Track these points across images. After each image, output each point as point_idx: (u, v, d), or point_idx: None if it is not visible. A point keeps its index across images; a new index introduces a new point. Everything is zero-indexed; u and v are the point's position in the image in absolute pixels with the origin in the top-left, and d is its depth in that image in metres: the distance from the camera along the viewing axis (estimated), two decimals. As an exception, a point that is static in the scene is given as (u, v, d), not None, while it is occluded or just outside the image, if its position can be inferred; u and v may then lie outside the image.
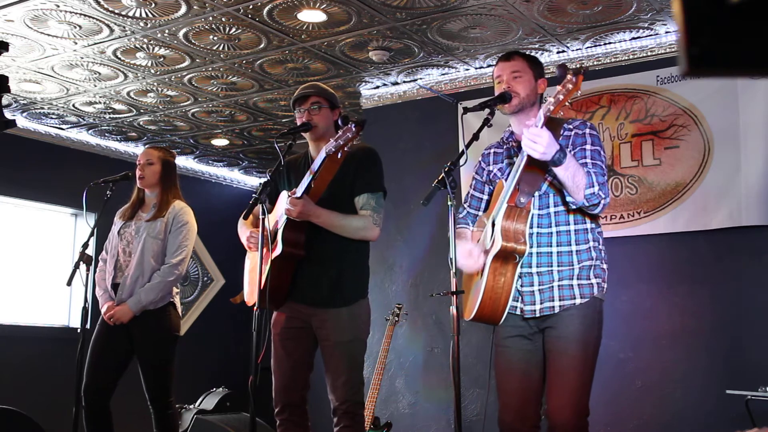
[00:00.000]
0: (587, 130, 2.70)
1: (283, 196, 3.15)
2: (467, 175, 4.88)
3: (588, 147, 2.66)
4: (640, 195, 4.40)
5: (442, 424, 4.90)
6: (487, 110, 2.75)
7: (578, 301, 2.63)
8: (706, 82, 4.14)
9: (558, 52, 4.69)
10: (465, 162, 2.73)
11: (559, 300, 2.64)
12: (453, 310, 2.64)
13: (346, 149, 2.81)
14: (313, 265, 3.09)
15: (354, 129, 2.76)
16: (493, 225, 2.65)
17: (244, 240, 3.26)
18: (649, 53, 4.48)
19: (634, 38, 4.47)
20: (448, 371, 2.67)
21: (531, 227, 2.65)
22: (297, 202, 2.93)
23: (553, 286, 2.65)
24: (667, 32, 4.38)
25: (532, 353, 2.71)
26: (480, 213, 2.94)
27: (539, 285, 2.66)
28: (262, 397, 3.03)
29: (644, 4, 4.04)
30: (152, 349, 3.88)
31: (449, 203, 2.63)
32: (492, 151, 2.93)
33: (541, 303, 2.65)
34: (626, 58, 4.55)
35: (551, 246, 2.66)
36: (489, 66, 4.97)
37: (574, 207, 2.60)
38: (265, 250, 2.94)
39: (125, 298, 3.85)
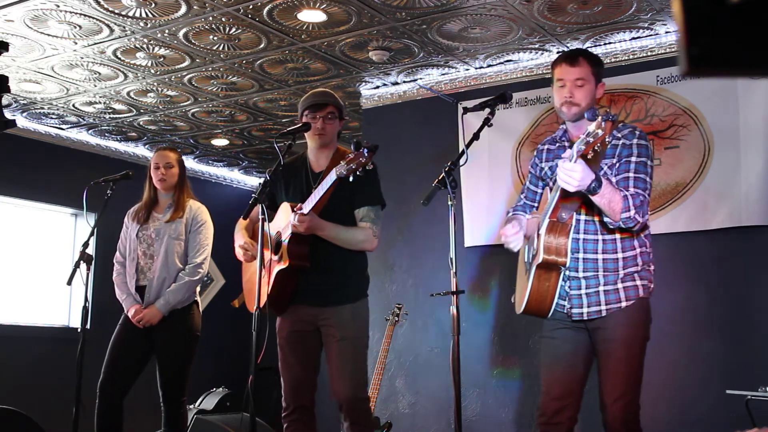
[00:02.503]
0: (635, 141, 2.69)
1: (284, 207, 3.21)
2: (467, 174, 4.89)
3: (633, 159, 2.67)
4: (640, 195, 4.39)
5: (442, 424, 4.90)
6: (487, 110, 2.76)
7: (624, 304, 2.68)
8: (706, 82, 4.14)
9: (558, 52, 4.69)
10: (465, 162, 2.74)
11: (606, 304, 2.69)
12: (453, 310, 2.65)
13: (358, 173, 2.86)
14: (317, 270, 3.15)
15: (367, 155, 2.82)
16: (539, 235, 2.69)
17: (237, 247, 3.31)
18: (649, 53, 4.48)
19: (634, 38, 4.47)
20: (448, 371, 2.67)
21: (577, 233, 2.70)
22: (304, 219, 3.00)
23: (599, 290, 2.70)
24: (667, 32, 4.38)
25: (578, 345, 2.77)
26: (535, 204, 3.02)
27: (586, 288, 2.71)
28: (262, 397, 3.04)
29: (644, 4, 4.04)
30: (176, 349, 3.92)
31: (449, 203, 2.64)
32: (546, 147, 2.97)
33: (588, 306, 2.71)
34: (626, 58, 4.55)
35: (597, 253, 2.71)
36: (489, 66, 4.97)
37: (612, 227, 2.63)
38: (266, 252, 3.00)
39: (153, 300, 3.89)
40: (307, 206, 3.04)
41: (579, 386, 2.77)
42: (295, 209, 3.03)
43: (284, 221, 3.16)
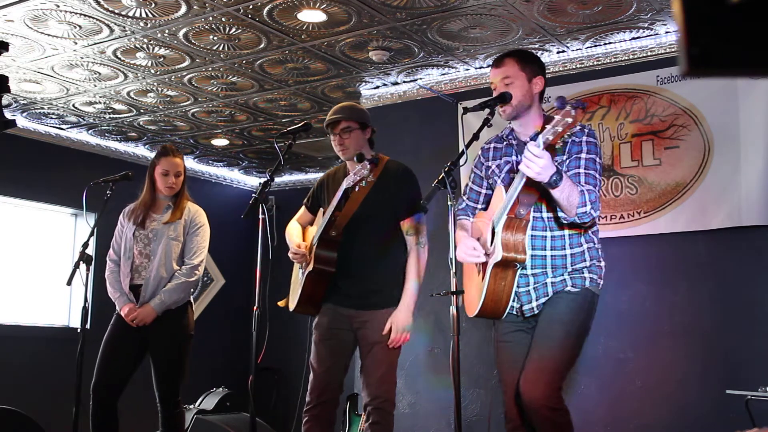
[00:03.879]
0: (584, 138, 2.70)
1: (321, 214, 3.38)
2: (467, 174, 4.88)
3: (583, 156, 2.68)
4: (640, 195, 4.39)
5: (442, 424, 4.90)
6: (487, 110, 2.75)
7: (569, 288, 2.70)
8: (706, 82, 4.14)
9: (558, 52, 4.69)
10: (465, 162, 2.73)
11: (553, 292, 2.71)
12: (453, 310, 2.65)
13: (362, 184, 3.02)
14: (356, 273, 3.25)
15: (369, 167, 2.99)
16: (494, 231, 2.67)
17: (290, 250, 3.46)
18: (649, 53, 4.48)
19: (634, 38, 4.47)
20: (448, 371, 2.67)
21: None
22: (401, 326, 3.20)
23: (546, 283, 2.72)
24: (667, 32, 4.38)
25: None
26: (479, 206, 2.99)
27: (534, 284, 2.73)
28: (262, 397, 3.04)
29: (644, 4, 4.04)
30: (170, 349, 3.93)
31: (449, 203, 2.64)
32: (492, 146, 2.96)
33: (537, 300, 2.72)
34: (626, 58, 4.55)
35: (545, 249, 2.71)
36: (489, 66, 4.96)
37: (565, 222, 2.63)
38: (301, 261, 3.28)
39: (148, 299, 3.90)
40: (324, 218, 3.19)
41: None
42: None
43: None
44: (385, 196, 3.23)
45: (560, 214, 2.61)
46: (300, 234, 3.48)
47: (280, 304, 3.64)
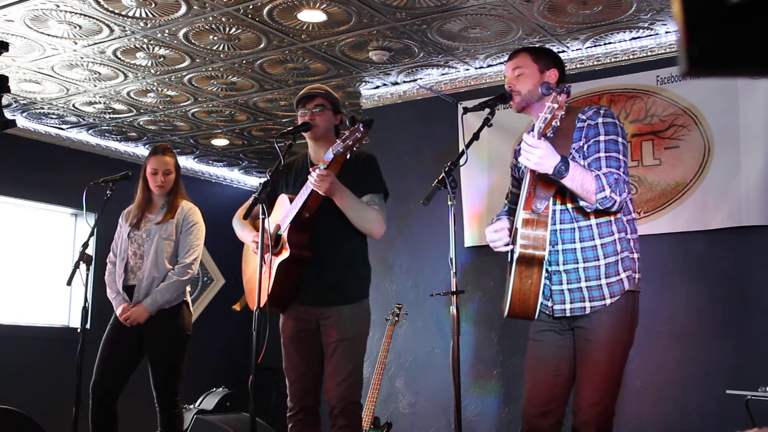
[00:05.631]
0: (600, 120, 2.62)
1: (282, 200, 3.19)
2: (467, 174, 4.89)
3: (602, 138, 2.59)
4: (640, 195, 4.39)
5: (442, 424, 4.90)
6: (487, 110, 2.75)
7: (608, 301, 2.59)
8: (706, 82, 4.14)
9: (558, 52, 4.68)
10: (465, 162, 2.73)
11: (590, 301, 2.60)
12: (453, 310, 2.65)
13: (354, 149, 2.82)
14: (315, 266, 3.12)
15: (362, 129, 2.77)
16: (516, 229, 2.64)
17: (249, 242, 3.28)
18: (649, 53, 4.48)
19: (634, 38, 4.47)
20: (448, 371, 2.67)
21: (554, 224, 2.62)
22: (328, 174, 2.90)
23: (581, 287, 2.61)
24: (667, 32, 4.38)
25: (563, 349, 2.68)
26: None
27: (568, 284, 2.62)
28: (262, 397, 3.04)
29: (644, 4, 4.04)
30: (166, 348, 3.92)
31: (449, 203, 2.64)
32: (520, 147, 2.93)
33: (571, 303, 2.62)
34: (626, 58, 4.55)
35: (574, 242, 2.62)
36: (489, 66, 4.97)
37: (589, 210, 2.56)
38: (265, 252, 2.96)
39: (141, 299, 3.90)
40: (299, 198, 2.97)
41: (564, 391, 2.67)
42: (312, 169, 2.94)
43: (282, 214, 3.14)
44: (350, 182, 3.06)
45: (582, 203, 2.53)
46: (250, 226, 3.29)
47: (236, 307, 3.52)
